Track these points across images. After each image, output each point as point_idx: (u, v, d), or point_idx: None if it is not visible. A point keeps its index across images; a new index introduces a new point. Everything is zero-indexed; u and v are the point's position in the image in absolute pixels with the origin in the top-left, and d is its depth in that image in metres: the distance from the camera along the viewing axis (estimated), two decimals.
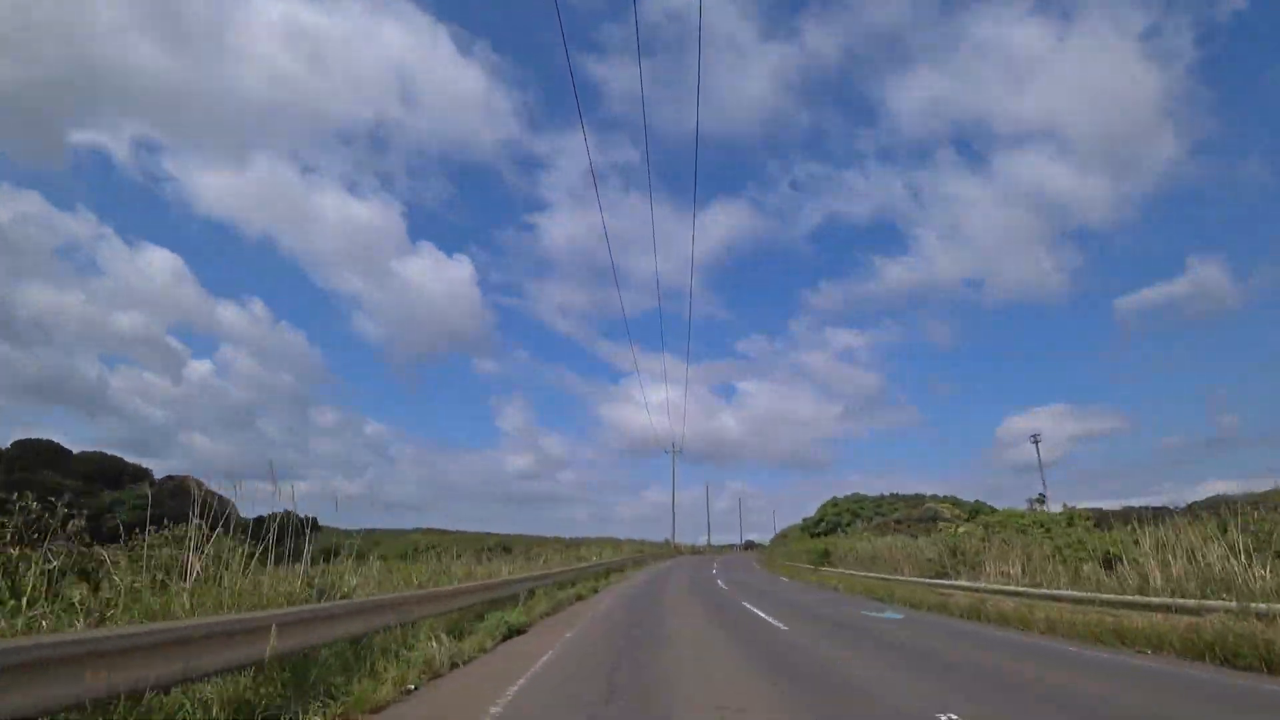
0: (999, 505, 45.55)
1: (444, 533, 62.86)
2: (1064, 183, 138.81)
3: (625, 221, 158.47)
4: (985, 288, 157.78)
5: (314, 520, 8.41)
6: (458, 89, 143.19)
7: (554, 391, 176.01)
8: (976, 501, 59.55)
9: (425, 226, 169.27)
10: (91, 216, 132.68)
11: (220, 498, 6.99)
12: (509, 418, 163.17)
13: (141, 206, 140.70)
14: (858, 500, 69.22)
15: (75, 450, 63.69)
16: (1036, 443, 68.22)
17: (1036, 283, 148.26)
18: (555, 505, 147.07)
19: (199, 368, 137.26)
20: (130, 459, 68.99)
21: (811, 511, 72.74)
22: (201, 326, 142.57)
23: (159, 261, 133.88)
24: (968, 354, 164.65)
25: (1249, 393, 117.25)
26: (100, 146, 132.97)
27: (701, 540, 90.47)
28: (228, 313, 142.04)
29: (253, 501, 7.72)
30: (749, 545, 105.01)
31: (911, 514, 55.60)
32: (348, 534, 11.47)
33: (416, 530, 69.03)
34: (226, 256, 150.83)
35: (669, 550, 64.61)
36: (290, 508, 7.63)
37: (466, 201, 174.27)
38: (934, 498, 63.27)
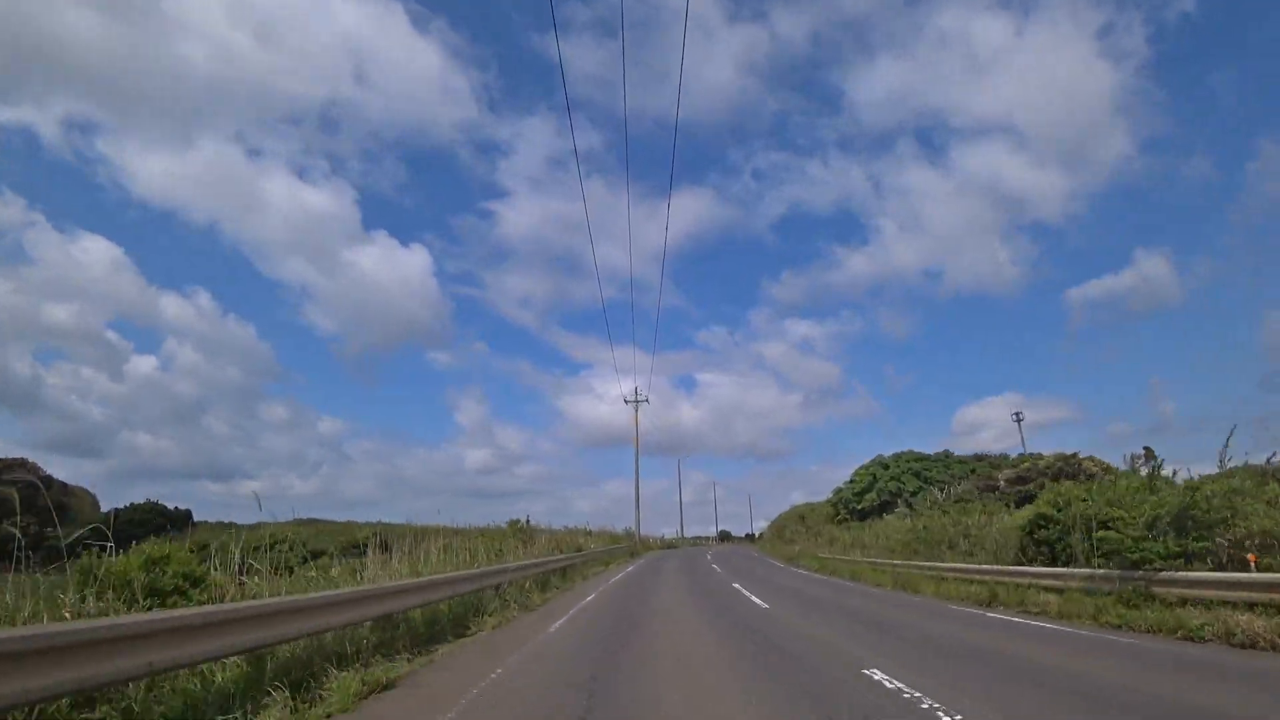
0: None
1: (391, 526, 57.29)
2: (1020, 176, 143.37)
3: (589, 207, 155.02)
4: (943, 279, 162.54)
5: (189, 513, 7.16)
6: (413, 68, 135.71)
7: (512, 384, 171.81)
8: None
9: (380, 214, 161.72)
10: (19, 201, 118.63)
11: (66, 486, 5.85)
12: (467, 411, 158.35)
13: (74, 190, 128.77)
14: (919, 459, 46.03)
15: None
16: (1019, 420, 70.87)
17: (993, 274, 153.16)
18: (514, 499, 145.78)
19: (141, 363, 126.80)
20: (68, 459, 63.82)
21: (833, 486, 50.31)
22: (143, 319, 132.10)
23: (95, 250, 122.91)
24: (925, 344, 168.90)
25: (1185, 381, 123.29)
26: (26, 124, 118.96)
27: (669, 532, 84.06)
28: (171, 305, 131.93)
29: (204, 502, 5.73)
30: (724, 536, 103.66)
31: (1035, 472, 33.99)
32: (226, 528, 9.97)
33: (368, 524, 63.90)
34: (169, 245, 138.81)
35: (629, 544, 44.23)
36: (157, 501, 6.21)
37: (422, 188, 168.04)
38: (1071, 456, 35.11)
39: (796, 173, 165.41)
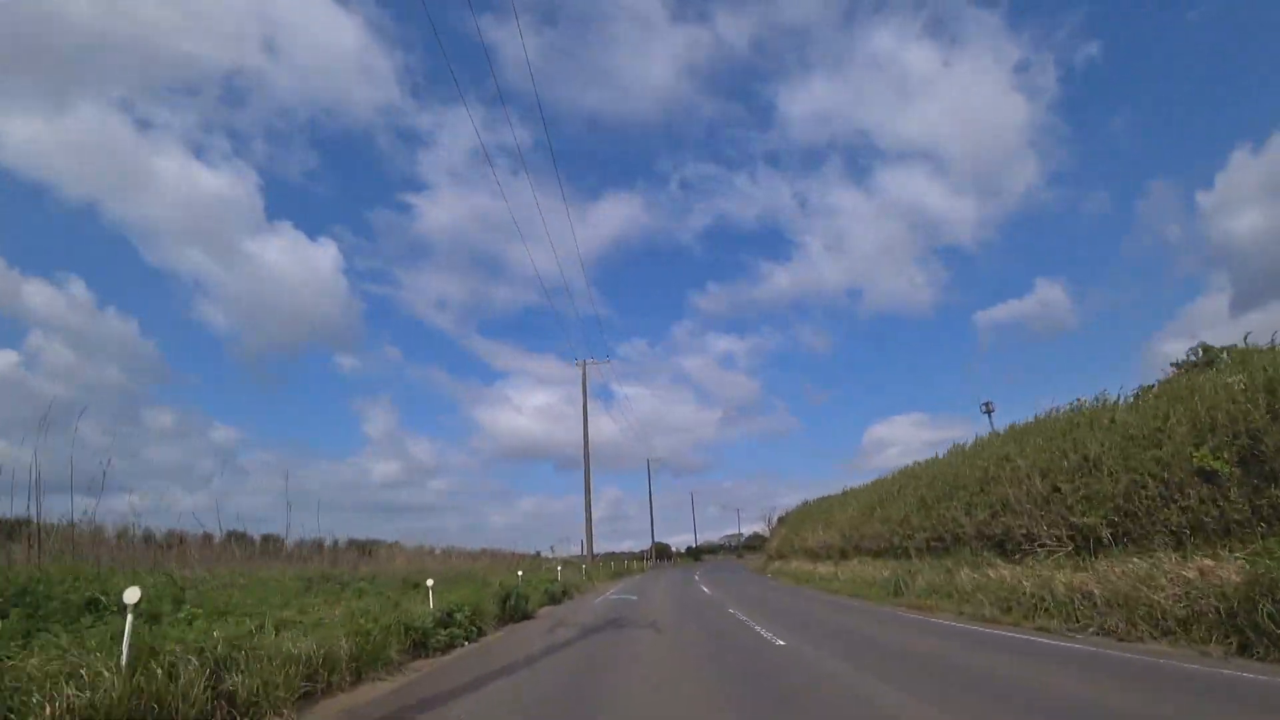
0: None
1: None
2: (938, 201, 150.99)
3: (512, 206, 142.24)
4: (863, 298, 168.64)
5: None
6: (331, 42, 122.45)
7: (426, 392, 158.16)
8: None
9: (285, 202, 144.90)
10: None
11: None
12: (376, 421, 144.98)
13: None
14: None
15: None
16: (989, 412, 72.53)
17: (908, 295, 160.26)
18: (425, 515, 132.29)
19: None
20: None
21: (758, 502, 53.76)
22: (3, 308, 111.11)
23: None
24: (843, 362, 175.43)
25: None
26: None
27: (605, 546, 75.61)
28: (38, 293, 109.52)
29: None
30: (662, 554, 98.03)
31: None
32: None
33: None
34: (37, 225, 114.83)
35: (556, 578, 26.68)
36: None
37: (334, 176, 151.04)
38: None
39: (725, 185, 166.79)
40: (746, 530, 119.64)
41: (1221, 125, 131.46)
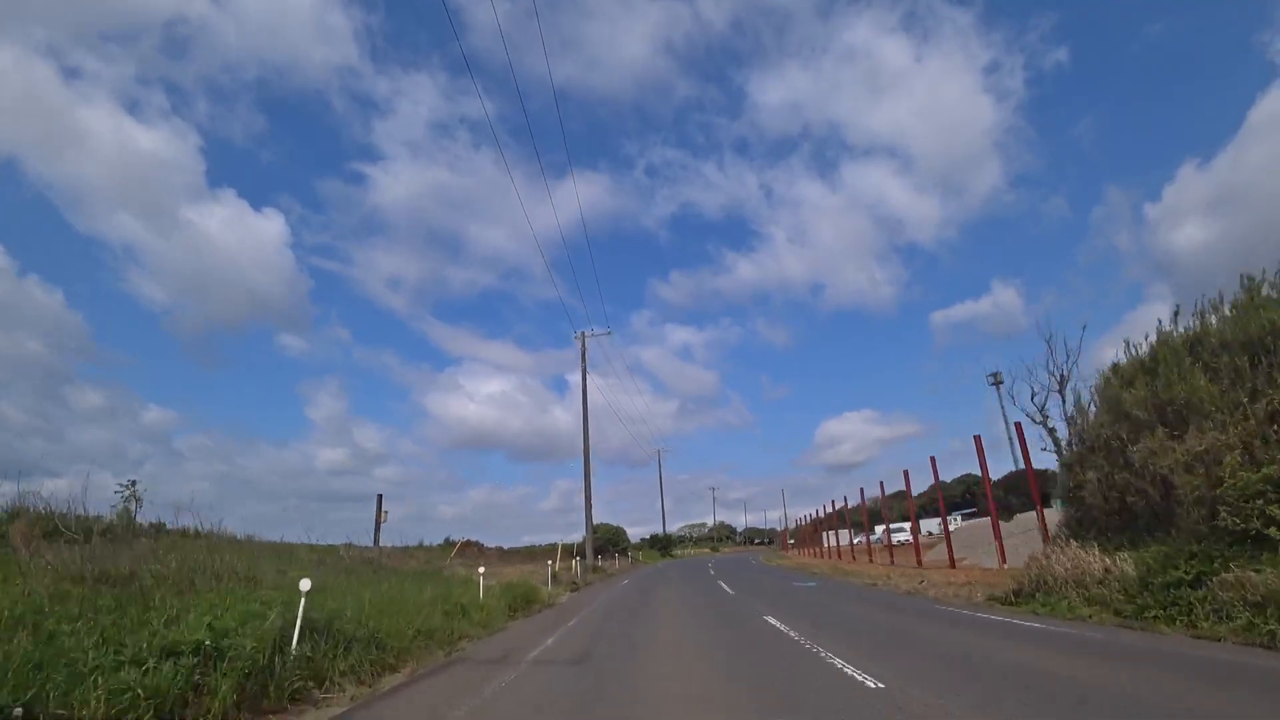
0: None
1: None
2: (902, 199, 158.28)
3: (473, 182, 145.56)
4: (825, 293, 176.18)
5: None
6: None
7: (375, 377, 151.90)
8: None
9: (229, 167, 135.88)
10: None
11: None
12: (322, 405, 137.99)
13: None
14: None
15: None
16: (998, 384, 75.74)
17: (869, 292, 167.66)
18: (372, 505, 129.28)
19: None
20: None
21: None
22: None
23: None
24: (802, 357, 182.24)
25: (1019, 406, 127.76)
26: None
27: (551, 538, 63.68)
28: None
29: None
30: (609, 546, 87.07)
31: None
32: None
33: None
34: None
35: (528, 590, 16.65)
36: None
37: (283, 141, 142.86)
38: None
39: (692, 172, 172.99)
40: (710, 522, 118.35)
41: (1175, 139, 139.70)
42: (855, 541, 47.90)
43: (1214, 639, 7.32)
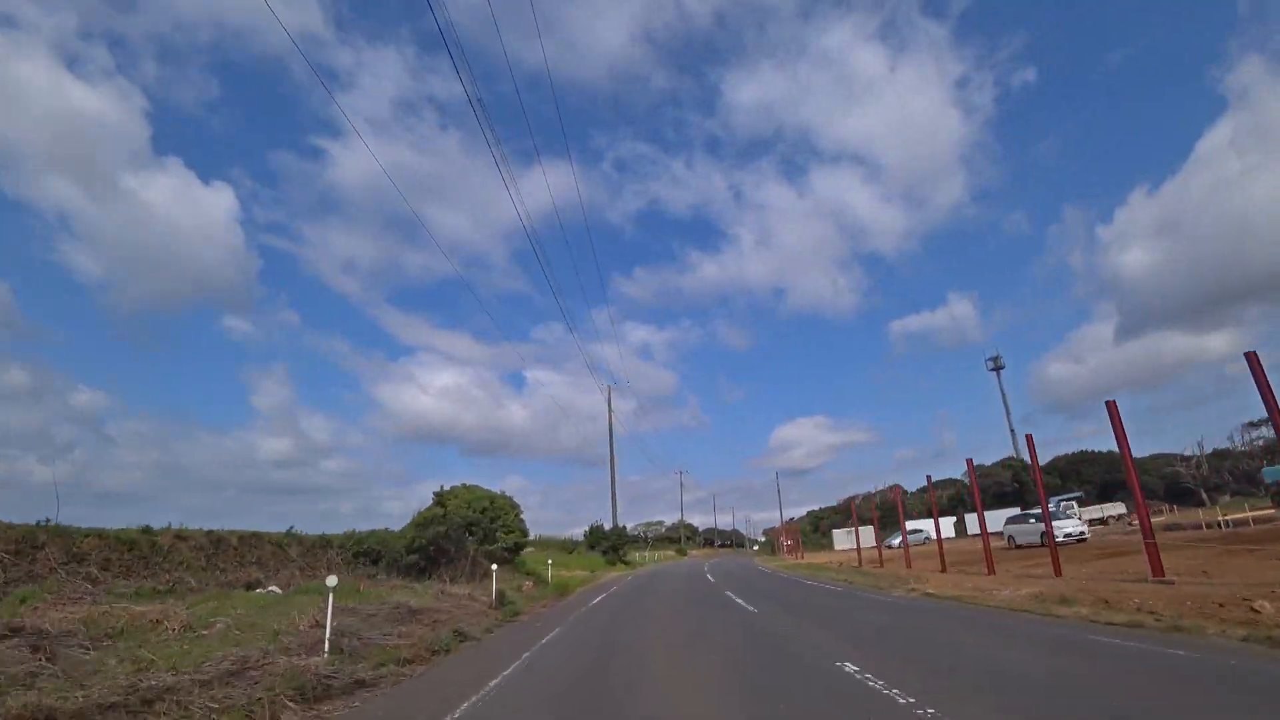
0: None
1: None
2: (867, 207, 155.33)
3: (437, 165, 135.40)
4: (787, 297, 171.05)
5: None
6: None
7: (325, 364, 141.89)
8: None
9: (177, 135, 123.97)
10: None
11: None
12: (268, 392, 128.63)
13: None
14: None
15: None
16: (998, 370, 70.61)
17: (830, 299, 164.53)
18: (318, 498, 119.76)
19: None
20: None
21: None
22: None
23: None
24: (760, 360, 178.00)
25: (967, 416, 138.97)
26: None
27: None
28: None
29: None
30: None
31: None
32: None
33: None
34: None
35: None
36: None
37: (237, 110, 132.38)
38: None
39: (661, 168, 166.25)
40: (668, 520, 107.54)
41: (1130, 164, 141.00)
42: (893, 543, 42.51)
43: None
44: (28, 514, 15.69)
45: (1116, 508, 48.67)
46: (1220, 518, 30.10)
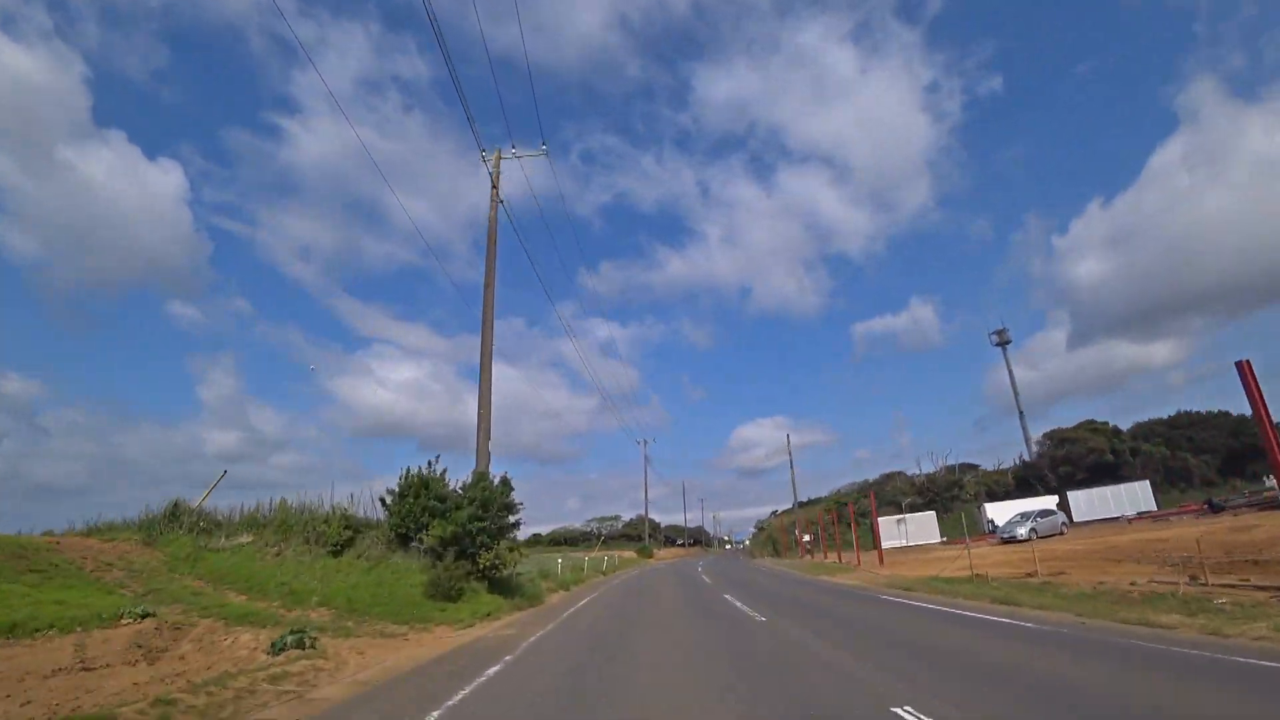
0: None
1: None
2: (835, 209, 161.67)
3: (401, 148, 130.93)
4: (752, 296, 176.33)
5: None
6: None
7: (276, 355, 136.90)
8: None
9: (121, 106, 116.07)
10: None
11: None
12: (215, 383, 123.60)
13: None
14: None
15: None
16: (1004, 349, 69.63)
17: (795, 299, 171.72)
18: (267, 492, 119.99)
19: None
20: None
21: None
22: None
23: None
24: (723, 359, 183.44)
25: (924, 417, 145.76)
26: None
27: None
28: None
29: None
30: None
31: None
32: None
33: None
34: None
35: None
36: None
37: (187, 82, 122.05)
38: None
39: (630, 161, 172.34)
40: (625, 516, 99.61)
41: (1088, 175, 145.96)
42: (1018, 534, 33.77)
43: None
44: None
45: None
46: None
